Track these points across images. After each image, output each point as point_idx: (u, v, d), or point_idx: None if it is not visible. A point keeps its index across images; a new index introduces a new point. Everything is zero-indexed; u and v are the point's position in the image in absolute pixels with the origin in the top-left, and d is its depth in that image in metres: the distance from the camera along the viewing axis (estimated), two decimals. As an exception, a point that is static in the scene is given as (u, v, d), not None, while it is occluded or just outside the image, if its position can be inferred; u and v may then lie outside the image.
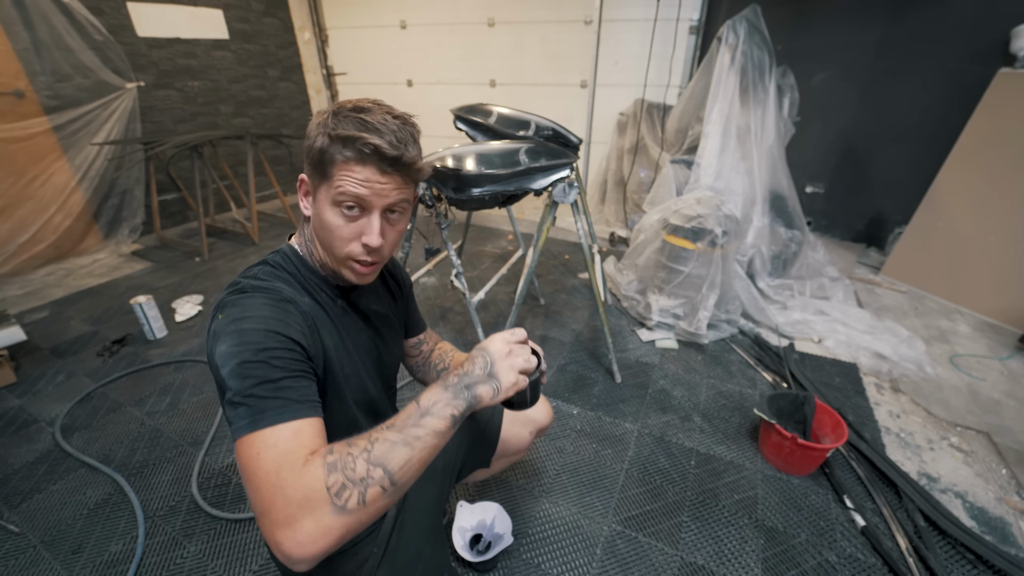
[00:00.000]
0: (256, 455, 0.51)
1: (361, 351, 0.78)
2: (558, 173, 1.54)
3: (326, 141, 0.61)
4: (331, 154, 0.61)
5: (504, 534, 1.15)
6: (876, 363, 1.92)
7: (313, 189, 0.66)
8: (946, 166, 2.39)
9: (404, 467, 0.53)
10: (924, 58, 2.59)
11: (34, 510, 1.30)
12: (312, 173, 0.65)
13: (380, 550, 0.82)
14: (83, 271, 2.76)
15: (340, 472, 0.50)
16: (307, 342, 0.62)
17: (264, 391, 0.54)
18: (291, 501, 0.48)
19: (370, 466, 0.51)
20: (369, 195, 0.62)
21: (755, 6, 2.27)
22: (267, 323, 0.59)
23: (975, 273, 2.31)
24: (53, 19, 2.56)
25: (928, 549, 1.18)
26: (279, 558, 0.48)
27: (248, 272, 0.68)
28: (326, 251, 0.69)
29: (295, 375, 0.58)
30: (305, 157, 0.65)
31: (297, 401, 0.56)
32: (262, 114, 3.91)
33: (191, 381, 1.83)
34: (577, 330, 2.19)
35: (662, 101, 3.14)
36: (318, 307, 0.70)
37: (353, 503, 0.49)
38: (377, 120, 0.61)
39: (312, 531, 0.47)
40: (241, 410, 0.53)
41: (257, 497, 0.50)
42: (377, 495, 0.51)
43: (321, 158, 0.62)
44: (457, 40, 3.66)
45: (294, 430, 0.53)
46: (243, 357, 0.55)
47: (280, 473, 0.49)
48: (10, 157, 2.54)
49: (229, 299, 0.62)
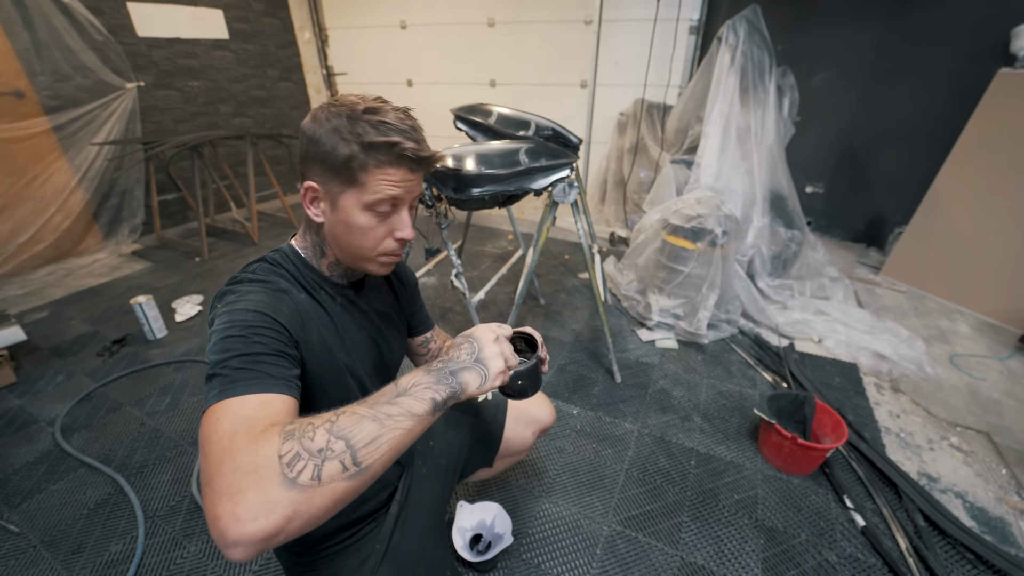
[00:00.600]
0: (216, 420, 0.47)
1: (361, 349, 0.77)
2: (558, 173, 1.54)
3: (356, 149, 0.60)
4: (362, 161, 0.61)
5: (504, 534, 1.15)
6: (876, 363, 1.92)
7: (331, 195, 0.64)
8: (946, 166, 2.39)
9: (370, 445, 0.47)
10: (924, 58, 2.59)
11: (34, 510, 1.30)
12: (330, 179, 0.63)
13: (383, 547, 0.82)
14: (83, 271, 2.76)
15: (296, 440, 0.45)
16: (297, 331, 0.63)
17: (240, 363, 0.52)
18: (238, 467, 0.42)
19: (331, 437, 0.46)
20: (403, 194, 0.65)
21: (755, 6, 2.27)
22: (257, 305, 0.60)
23: (975, 273, 2.31)
24: (53, 19, 2.56)
25: (928, 549, 1.18)
26: (214, 537, 0.41)
27: (247, 268, 0.69)
28: (352, 253, 0.69)
29: (275, 354, 0.56)
30: (315, 164, 0.63)
31: (272, 376, 0.53)
32: (262, 114, 3.91)
33: (191, 381, 1.83)
34: (577, 330, 2.19)
35: (662, 101, 3.14)
36: (315, 303, 0.70)
37: (306, 477, 0.43)
38: (394, 120, 0.62)
39: (254, 505, 0.40)
40: (215, 381, 0.51)
41: (206, 464, 0.44)
42: (335, 472, 0.45)
43: (348, 165, 0.61)
44: (457, 40, 3.66)
45: (262, 401, 0.50)
46: (226, 333, 0.55)
47: (235, 438, 0.45)
48: (10, 157, 2.54)
49: (227, 289, 0.65)
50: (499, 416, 1.10)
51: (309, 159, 0.64)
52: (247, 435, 0.45)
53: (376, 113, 0.61)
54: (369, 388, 0.79)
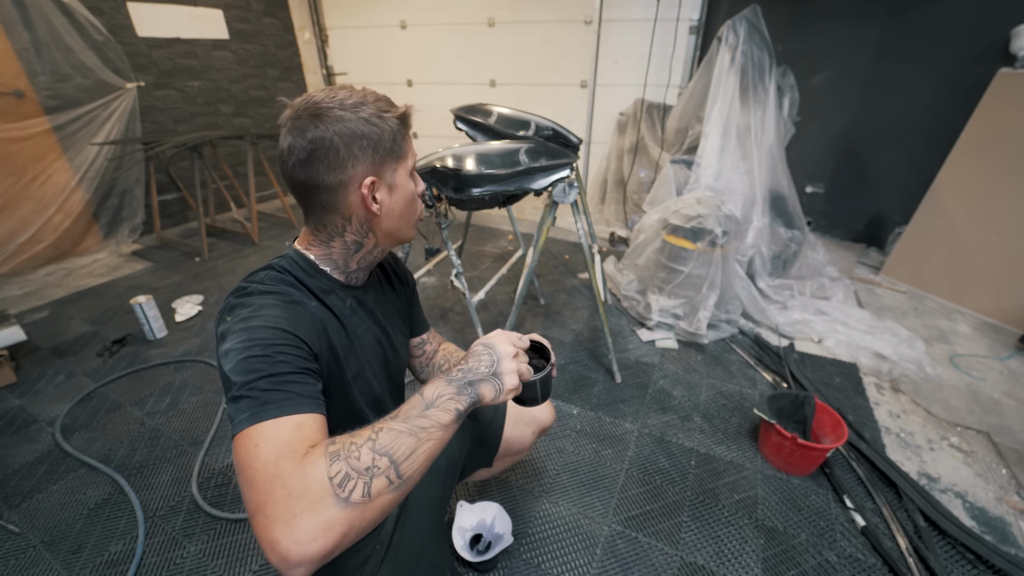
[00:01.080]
0: (255, 447, 0.48)
1: (368, 352, 0.77)
2: (558, 173, 1.54)
3: (396, 124, 0.65)
4: (402, 131, 0.67)
5: (504, 534, 1.15)
6: (876, 363, 1.92)
7: (387, 179, 0.67)
8: (946, 166, 2.39)
9: (410, 458, 0.51)
10: (924, 58, 2.59)
11: (34, 510, 1.30)
12: (383, 163, 0.66)
13: (383, 548, 0.82)
14: (83, 271, 2.76)
15: (344, 461, 0.47)
16: (315, 343, 0.62)
17: (268, 384, 0.53)
18: (290, 493, 0.44)
19: (375, 455, 0.49)
20: None
21: (755, 6, 2.27)
22: (276, 321, 0.58)
23: (975, 273, 2.31)
24: (53, 19, 2.56)
25: (928, 549, 1.18)
26: (274, 561, 0.43)
27: (254, 276, 0.67)
28: (403, 227, 0.73)
29: (301, 372, 0.56)
30: (364, 157, 0.63)
31: (301, 396, 0.54)
32: (262, 114, 3.91)
33: (191, 381, 1.83)
34: (577, 330, 2.19)
35: (662, 101, 3.14)
36: (326, 310, 0.69)
37: (358, 495, 0.46)
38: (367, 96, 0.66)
39: (312, 527, 0.43)
40: (243, 403, 0.51)
41: (252, 492, 0.46)
42: (383, 487, 0.48)
43: (395, 140, 0.66)
44: (457, 40, 3.66)
45: (297, 423, 0.51)
46: (249, 352, 0.54)
47: (279, 464, 0.46)
48: (10, 157, 2.54)
49: (237, 301, 0.62)
50: (498, 416, 1.10)
51: (355, 158, 0.63)
52: (292, 460, 0.47)
53: (355, 95, 0.65)
54: (376, 388, 0.80)
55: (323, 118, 0.61)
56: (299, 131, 0.61)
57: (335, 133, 0.61)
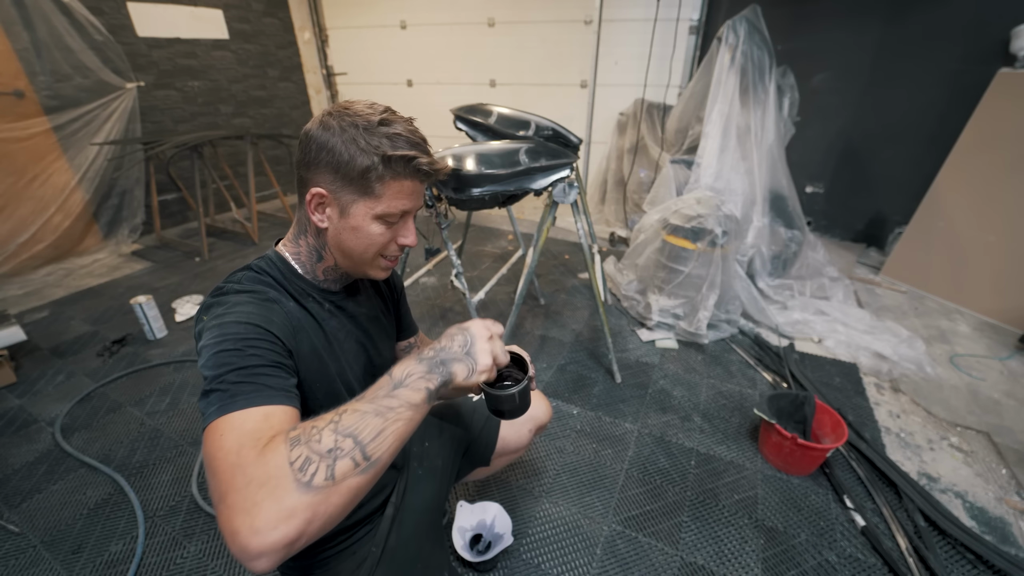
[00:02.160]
0: (219, 437, 0.47)
1: (349, 354, 0.77)
2: (558, 173, 1.54)
3: (375, 161, 0.62)
4: (380, 173, 0.63)
5: (504, 534, 1.15)
6: (876, 363, 1.92)
7: (341, 203, 0.65)
8: (946, 166, 2.39)
9: (377, 438, 0.48)
10: (924, 58, 2.59)
11: (34, 510, 1.30)
12: (342, 188, 0.64)
13: (379, 549, 0.81)
14: (83, 271, 2.76)
15: (304, 445, 0.45)
16: (290, 340, 0.62)
17: (237, 377, 0.52)
18: (251, 481, 0.43)
19: (338, 436, 0.47)
20: (413, 205, 0.68)
21: (755, 6, 2.27)
22: (248, 316, 0.59)
23: (975, 273, 2.31)
24: (53, 19, 2.56)
25: (928, 549, 1.18)
26: (235, 552, 0.41)
27: (232, 277, 0.67)
28: (355, 258, 0.70)
29: (272, 364, 0.56)
30: (326, 171, 0.63)
31: (271, 388, 0.53)
32: (262, 114, 3.91)
33: (191, 381, 1.83)
34: (577, 330, 2.19)
35: (662, 101, 3.14)
36: (304, 312, 0.69)
37: (320, 478, 0.44)
38: (407, 133, 0.64)
39: (272, 515, 0.41)
40: (213, 396, 0.51)
41: (216, 481, 0.44)
42: (348, 468, 0.45)
43: (365, 176, 0.63)
44: (457, 40, 3.66)
45: (264, 413, 0.50)
46: (220, 347, 0.54)
47: (241, 452, 0.45)
48: (10, 157, 2.54)
49: (213, 300, 0.63)
50: None
51: (319, 165, 0.63)
52: (253, 448, 0.45)
53: (390, 125, 0.63)
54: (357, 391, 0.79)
55: (331, 116, 0.63)
56: (320, 115, 0.64)
57: (319, 134, 0.63)
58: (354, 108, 0.63)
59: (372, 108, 0.64)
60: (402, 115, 0.67)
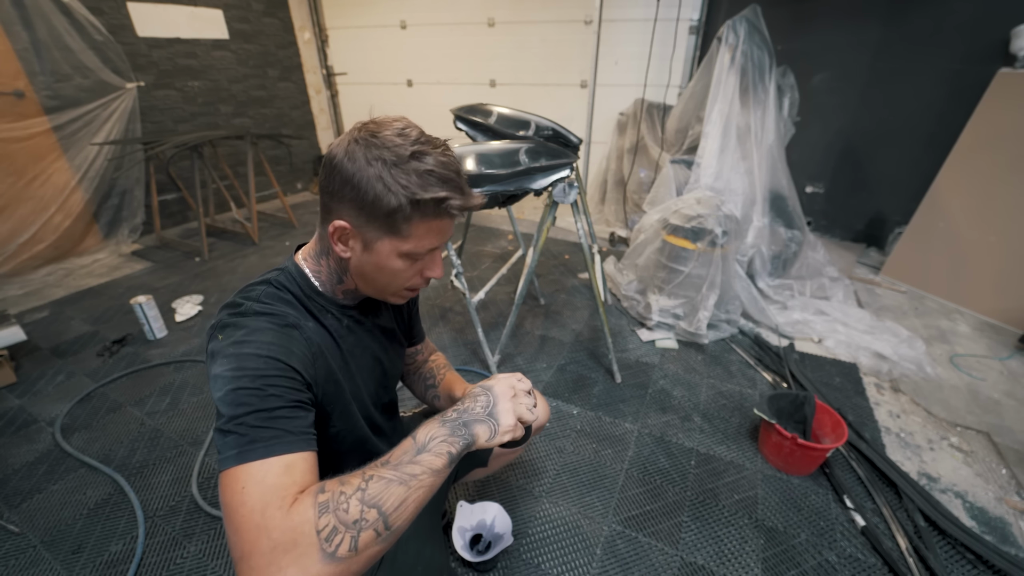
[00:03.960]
0: (241, 490, 0.47)
1: (364, 370, 0.77)
2: (558, 173, 1.54)
3: (403, 202, 0.58)
4: (407, 214, 0.59)
5: (504, 534, 1.15)
6: (876, 363, 1.92)
7: (366, 238, 0.62)
8: (946, 166, 2.39)
9: (400, 508, 0.50)
10: (924, 58, 2.59)
11: (34, 510, 1.30)
12: (367, 223, 0.60)
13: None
14: (83, 271, 2.76)
15: (332, 513, 0.46)
16: (309, 371, 0.61)
17: (256, 420, 0.51)
18: (276, 546, 0.43)
19: (364, 507, 0.48)
20: (442, 242, 0.66)
21: (755, 6, 2.27)
22: (268, 349, 0.56)
23: (975, 273, 2.31)
24: (53, 19, 2.56)
25: (928, 549, 1.18)
26: None
27: (250, 292, 0.64)
28: (377, 288, 0.68)
29: (291, 405, 0.55)
30: (350, 205, 0.59)
31: (291, 432, 0.53)
32: (262, 114, 3.91)
33: (191, 381, 1.83)
34: (577, 330, 2.19)
35: (662, 101, 3.14)
36: (322, 330, 0.68)
37: (344, 549, 0.45)
38: (440, 168, 0.59)
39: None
40: (230, 439, 0.50)
41: (238, 539, 0.45)
42: (370, 539, 0.47)
43: (391, 216, 0.59)
44: (457, 40, 3.66)
45: (285, 464, 0.50)
46: (238, 383, 0.52)
47: (266, 512, 0.45)
48: (10, 157, 2.54)
49: (230, 320, 0.59)
50: None
51: (343, 199, 0.60)
52: (279, 508, 0.46)
53: (421, 159, 0.58)
54: (370, 404, 0.79)
55: (361, 144, 0.58)
56: (347, 138, 0.60)
57: (344, 165, 0.58)
58: (383, 136, 0.58)
59: (403, 136, 0.59)
60: (436, 140, 0.62)
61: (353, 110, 4.43)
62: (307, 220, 3.68)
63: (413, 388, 1.02)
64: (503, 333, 1.88)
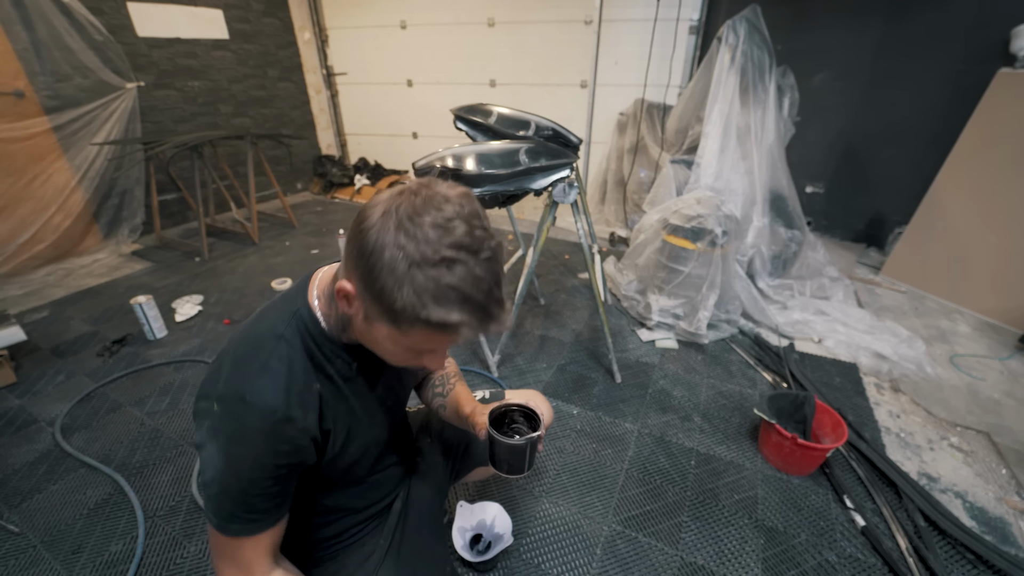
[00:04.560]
0: (219, 556, 0.63)
1: (372, 404, 0.75)
2: (558, 173, 1.54)
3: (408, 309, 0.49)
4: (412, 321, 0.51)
5: (504, 534, 1.15)
6: (876, 363, 1.92)
7: (367, 313, 0.55)
8: (946, 166, 2.39)
9: None
10: (924, 58, 2.59)
11: (34, 510, 1.30)
12: (370, 303, 0.53)
13: (386, 542, 0.83)
14: (83, 271, 2.76)
15: None
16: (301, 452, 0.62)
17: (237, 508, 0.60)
18: None
19: None
20: (447, 347, 0.63)
21: (755, 6, 2.27)
22: (256, 454, 0.58)
23: (975, 273, 2.31)
24: (53, 19, 2.56)
25: (928, 549, 1.18)
26: None
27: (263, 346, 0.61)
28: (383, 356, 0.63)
29: (271, 495, 0.61)
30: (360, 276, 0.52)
31: (265, 512, 0.61)
32: (262, 114, 3.91)
33: (191, 381, 1.83)
34: (577, 330, 2.19)
35: (662, 101, 3.14)
36: (329, 383, 0.65)
37: None
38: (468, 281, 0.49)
39: None
40: (212, 504, 0.60)
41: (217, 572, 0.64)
42: None
43: (394, 312, 0.51)
44: (457, 40, 3.66)
45: (254, 544, 0.62)
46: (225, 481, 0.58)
47: None
48: (10, 157, 2.54)
49: (229, 392, 0.58)
50: None
51: (356, 266, 0.52)
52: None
53: (450, 269, 0.48)
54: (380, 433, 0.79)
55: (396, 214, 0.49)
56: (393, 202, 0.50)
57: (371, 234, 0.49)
58: (421, 222, 0.48)
59: (443, 231, 0.48)
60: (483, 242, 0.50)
61: (353, 110, 4.43)
62: (307, 220, 3.68)
63: (418, 390, 1.01)
64: (503, 333, 1.88)
